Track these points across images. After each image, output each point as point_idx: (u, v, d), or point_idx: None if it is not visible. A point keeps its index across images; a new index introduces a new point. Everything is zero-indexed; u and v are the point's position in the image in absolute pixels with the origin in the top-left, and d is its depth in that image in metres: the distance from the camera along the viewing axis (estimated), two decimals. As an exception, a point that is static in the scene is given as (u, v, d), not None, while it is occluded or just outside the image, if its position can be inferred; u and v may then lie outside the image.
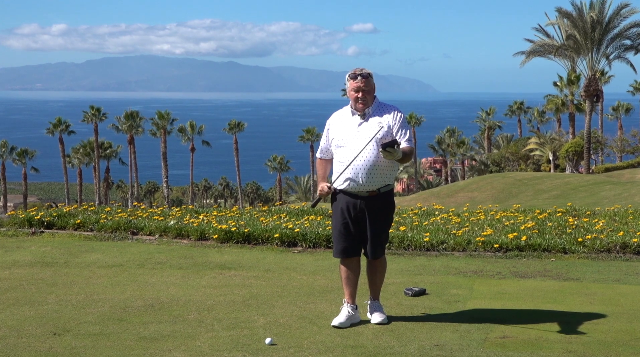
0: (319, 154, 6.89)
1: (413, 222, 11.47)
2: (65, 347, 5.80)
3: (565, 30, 52.16)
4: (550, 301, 7.41)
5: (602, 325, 6.48)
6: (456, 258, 9.60)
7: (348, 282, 6.69)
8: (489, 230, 10.59)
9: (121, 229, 11.33)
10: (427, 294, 7.68)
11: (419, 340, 6.05)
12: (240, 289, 7.94)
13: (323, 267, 9.09)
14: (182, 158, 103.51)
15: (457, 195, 37.14)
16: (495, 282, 8.27)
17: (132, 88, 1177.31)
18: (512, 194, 34.86)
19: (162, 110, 73.60)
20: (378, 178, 6.51)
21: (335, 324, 6.46)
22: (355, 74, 6.54)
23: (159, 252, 10.09)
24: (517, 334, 6.23)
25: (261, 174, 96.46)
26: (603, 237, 9.95)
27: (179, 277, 8.57)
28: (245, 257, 9.76)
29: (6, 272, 8.89)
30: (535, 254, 9.66)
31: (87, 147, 74.32)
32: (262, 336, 6.13)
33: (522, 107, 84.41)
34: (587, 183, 34.62)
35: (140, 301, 7.38)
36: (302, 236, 10.33)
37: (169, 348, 5.82)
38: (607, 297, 7.55)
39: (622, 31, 51.42)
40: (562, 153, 56.39)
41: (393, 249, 9.91)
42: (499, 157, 69.34)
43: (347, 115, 6.65)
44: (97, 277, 8.59)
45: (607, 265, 9.15)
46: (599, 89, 52.50)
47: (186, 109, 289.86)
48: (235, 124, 78.34)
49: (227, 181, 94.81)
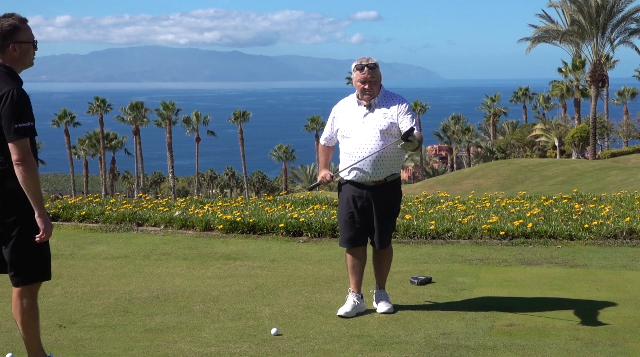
0: (322, 141, 6.87)
1: (418, 210, 11.44)
2: (71, 340, 5.80)
3: (570, 15, 51.97)
4: (556, 288, 7.39)
5: (609, 312, 6.46)
6: (462, 246, 9.58)
7: (354, 272, 6.68)
8: (495, 217, 10.55)
9: (126, 220, 11.32)
10: (433, 282, 7.66)
11: (425, 329, 6.04)
12: (246, 279, 7.93)
13: (328, 256, 9.07)
14: (187, 148, 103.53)
15: (462, 182, 37.08)
16: (501, 270, 8.24)
17: (136, 79, 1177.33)
18: (518, 180, 34.80)
19: (166, 101, 73.55)
20: (384, 168, 6.48)
21: (341, 313, 6.44)
22: (361, 64, 6.46)
23: (164, 243, 10.09)
24: (524, 321, 6.21)
25: (267, 163, 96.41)
26: (609, 223, 9.91)
27: (184, 268, 8.56)
28: (250, 247, 9.75)
29: (12, 264, 8.89)
30: (542, 241, 9.62)
31: (93, 139, 74.42)
32: (267, 326, 6.12)
33: (527, 93, 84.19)
34: (593, 169, 34.53)
35: (145, 292, 7.38)
36: (308, 225, 10.31)
37: (174, 339, 5.81)
38: (613, 283, 7.52)
39: (627, 15, 51.21)
40: (567, 139, 56.27)
41: (399, 238, 9.89)
42: (504, 143, 69.23)
43: (353, 104, 6.61)
44: (102, 268, 8.58)
45: (614, 251, 9.12)
46: (604, 74, 52.32)
47: (191, 99, 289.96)
48: (240, 114, 78.25)
49: (233, 170, 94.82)
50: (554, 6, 52.90)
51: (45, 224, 4.69)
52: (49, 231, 4.70)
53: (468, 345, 5.60)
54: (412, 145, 6.16)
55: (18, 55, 4.74)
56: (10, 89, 4.59)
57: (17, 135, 4.56)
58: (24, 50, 4.75)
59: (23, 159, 4.57)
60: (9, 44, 4.70)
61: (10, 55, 4.72)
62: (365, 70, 6.46)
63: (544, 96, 79.03)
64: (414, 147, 6.18)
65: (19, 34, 4.72)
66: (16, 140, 4.57)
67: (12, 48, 4.71)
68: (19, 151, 4.57)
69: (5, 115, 4.57)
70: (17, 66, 4.77)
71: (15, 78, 4.72)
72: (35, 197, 4.64)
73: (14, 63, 4.74)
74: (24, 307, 4.80)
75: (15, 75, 4.73)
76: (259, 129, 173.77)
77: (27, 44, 4.76)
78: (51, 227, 4.73)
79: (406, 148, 6.22)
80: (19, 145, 4.57)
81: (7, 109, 4.57)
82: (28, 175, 4.58)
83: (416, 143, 6.19)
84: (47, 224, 4.69)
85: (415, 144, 6.18)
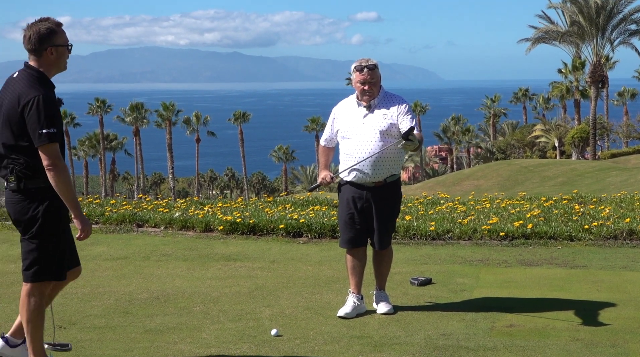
0: (322, 142, 6.87)
1: (419, 211, 11.44)
2: (71, 341, 5.78)
3: (569, 16, 51.98)
4: (556, 288, 7.39)
5: (609, 312, 6.46)
6: (462, 247, 9.58)
7: (354, 272, 6.67)
8: (495, 218, 10.55)
9: (126, 221, 11.32)
10: (433, 283, 7.66)
11: (425, 330, 6.04)
12: (246, 280, 7.92)
13: (328, 257, 9.07)
14: (187, 149, 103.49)
15: (462, 183, 37.07)
16: (501, 271, 8.24)
17: (136, 79, 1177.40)
18: (518, 181, 34.80)
19: (166, 102, 73.51)
20: (384, 169, 6.48)
21: (341, 314, 6.44)
22: (361, 65, 6.47)
23: (164, 244, 10.08)
24: (524, 322, 6.21)
25: (267, 164, 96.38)
26: (609, 224, 9.91)
27: (184, 269, 8.56)
28: (250, 248, 9.75)
29: (12, 265, 8.88)
30: (542, 241, 9.62)
31: (93, 139, 74.39)
32: (267, 327, 6.12)
33: (527, 94, 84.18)
34: (593, 169, 34.53)
35: (145, 293, 7.38)
36: (308, 226, 10.30)
37: (174, 340, 5.81)
38: (614, 284, 7.52)
39: (626, 16, 51.21)
40: (567, 140, 56.26)
41: (399, 238, 9.88)
42: (504, 144, 69.21)
43: (353, 106, 6.61)
44: (102, 269, 8.58)
45: (614, 252, 9.11)
46: (604, 74, 52.31)
47: (191, 100, 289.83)
48: (240, 115, 78.20)
49: (233, 171, 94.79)
50: (554, 7, 52.93)
51: (83, 224, 4.85)
52: (86, 231, 4.88)
53: (468, 346, 5.59)
54: (413, 145, 6.15)
55: (54, 58, 4.83)
56: (36, 95, 4.68)
57: (41, 140, 4.66)
58: (59, 53, 4.85)
59: (53, 164, 4.69)
60: (46, 47, 4.80)
61: (47, 58, 4.82)
62: (365, 71, 6.46)
63: (543, 97, 79.01)
64: (414, 147, 6.17)
65: (55, 38, 4.82)
66: (42, 146, 4.68)
67: (49, 51, 4.81)
68: (47, 156, 4.68)
69: (31, 121, 4.67)
70: (52, 69, 4.87)
71: (45, 83, 4.81)
72: (69, 199, 4.76)
73: (49, 66, 4.84)
74: (30, 306, 4.87)
75: (45, 80, 4.82)
76: (259, 129, 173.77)
77: (63, 48, 4.86)
78: (89, 226, 4.90)
79: (407, 148, 6.21)
80: (46, 151, 4.68)
81: (33, 115, 4.67)
82: (59, 179, 4.70)
83: (417, 143, 6.18)
84: (84, 224, 4.86)
85: (416, 144, 6.18)
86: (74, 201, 4.78)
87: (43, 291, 4.91)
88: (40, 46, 4.78)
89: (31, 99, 4.68)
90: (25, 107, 4.68)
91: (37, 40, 4.78)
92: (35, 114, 4.66)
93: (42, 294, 4.90)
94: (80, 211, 4.83)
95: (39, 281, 4.88)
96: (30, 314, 4.87)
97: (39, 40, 4.77)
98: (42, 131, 4.65)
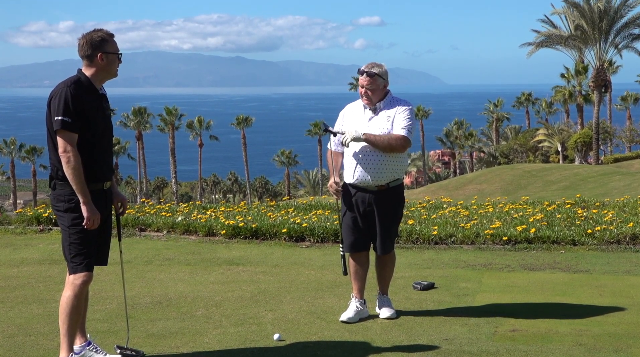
0: (333, 147, 6.78)
1: (421, 216, 11.43)
2: (73, 345, 5.78)
3: (572, 21, 52.01)
4: (559, 293, 7.38)
5: (612, 317, 6.44)
6: (465, 251, 9.56)
7: (357, 277, 6.66)
8: (498, 222, 10.54)
9: (129, 225, 11.32)
10: (435, 287, 7.65)
11: (428, 334, 6.02)
12: (248, 284, 7.92)
13: (331, 262, 9.06)
14: (190, 153, 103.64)
15: (465, 187, 37.04)
16: (504, 275, 8.23)
17: (139, 84, 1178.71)
18: (521, 185, 34.75)
19: (169, 106, 73.58)
20: (387, 173, 6.47)
21: (344, 319, 6.43)
22: (362, 70, 6.53)
23: (166, 248, 10.08)
24: (527, 327, 6.19)
25: (269, 168, 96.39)
26: (613, 229, 9.90)
27: (186, 273, 8.55)
28: (253, 252, 9.74)
29: (14, 270, 8.89)
30: (545, 246, 9.61)
31: (96, 144, 74.39)
32: (270, 331, 6.11)
33: (530, 98, 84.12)
34: (596, 174, 34.47)
35: (148, 297, 7.38)
36: (310, 230, 10.30)
37: (177, 345, 5.81)
38: (617, 289, 7.51)
39: (630, 21, 51.25)
40: (570, 144, 56.22)
41: (401, 243, 9.88)
42: (507, 148, 69.17)
43: (360, 109, 6.62)
44: (104, 274, 8.55)
45: (617, 256, 9.10)
46: (607, 79, 52.33)
47: (194, 105, 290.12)
48: (243, 119, 78.24)
49: (236, 175, 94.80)
50: (557, 13, 52.96)
51: (89, 212, 5.12)
52: (92, 219, 5.12)
53: (471, 351, 5.58)
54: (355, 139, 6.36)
55: (105, 64, 5.23)
56: (62, 88, 5.12)
57: (56, 126, 5.06)
58: (110, 60, 5.25)
59: (64, 150, 5.07)
60: (97, 54, 5.21)
61: (97, 64, 5.22)
62: (364, 76, 6.49)
63: (546, 101, 78.95)
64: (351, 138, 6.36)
65: (106, 45, 5.24)
66: (58, 132, 5.07)
67: (100, 57, 5.22)
68: (61, 143, 5.07)
69: (52, 109, 5.12)
70: (102, 75, 5.27)
71: (80, 85, 5.16)
72: (76, 186, 5.09)
73: (99, 71, 5.24)
74: (64, 298, 5.26)
75: (81, 82, 5.18)
76: (262, 134, 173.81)
77: (113, 55, 5.27)
78: (96, 215, 5.14)
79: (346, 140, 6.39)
80: (61, 137, 5.07)
81: (53, 104, 5.11)
82: (68, 166, 5.07)
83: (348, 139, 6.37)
84: (90, 212, 5.12)
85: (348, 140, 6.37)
86: (80, 188, 5.09)
87: (77, 285, 5.25)
88: (92, 52, 5.20)
89: (57, 92, 5.12)
90: (52, 100, 5.12)
91: (89, 46, 5.20)
92: (55, 102, 5.09)
93: (75, 288, 5.25)
94: (88, 198, 5.11)
95: (70, 273, 5.25)
96: (62, 306, 5.29)
97: (91, 46, 5.20)
98: (58, 118, 5.05)
